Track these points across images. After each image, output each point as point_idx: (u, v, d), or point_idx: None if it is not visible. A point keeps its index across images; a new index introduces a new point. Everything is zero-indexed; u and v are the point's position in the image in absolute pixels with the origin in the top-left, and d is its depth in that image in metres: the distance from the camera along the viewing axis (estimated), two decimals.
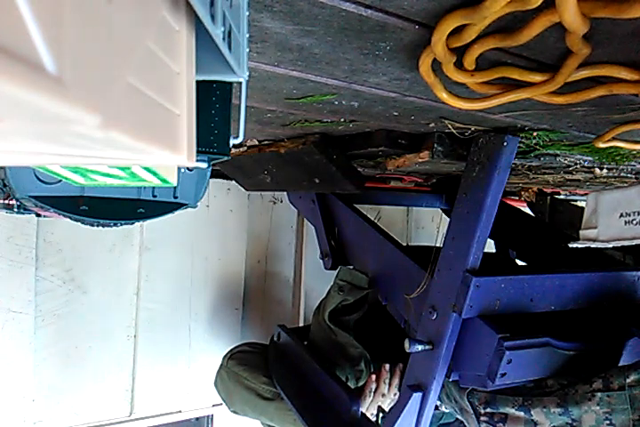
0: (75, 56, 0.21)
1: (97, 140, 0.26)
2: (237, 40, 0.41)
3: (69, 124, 0.23)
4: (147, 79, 0.30)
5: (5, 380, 1.99)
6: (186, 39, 0.35)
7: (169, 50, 0.33)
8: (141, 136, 0.29)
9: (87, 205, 0.77)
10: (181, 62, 0.35)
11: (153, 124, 0.31)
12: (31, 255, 2.04)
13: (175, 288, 2.40)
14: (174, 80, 0.35)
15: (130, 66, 0.27)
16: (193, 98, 0.37)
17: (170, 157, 0.34)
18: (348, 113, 1.07)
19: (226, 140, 0.69)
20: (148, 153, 0.32)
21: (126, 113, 0.27)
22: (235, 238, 2.54)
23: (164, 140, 0.33)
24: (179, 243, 2.38)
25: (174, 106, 0.35)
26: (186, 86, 0.36)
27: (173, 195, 0.86)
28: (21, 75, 0.18)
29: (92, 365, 2.21)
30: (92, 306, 2.19)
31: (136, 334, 2.32)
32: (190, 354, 2.46)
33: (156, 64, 0.32)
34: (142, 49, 0.29)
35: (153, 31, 0.30)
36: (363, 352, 1.87)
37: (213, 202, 2.46)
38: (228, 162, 1.79)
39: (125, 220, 0.83)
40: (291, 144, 1.45)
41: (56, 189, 0.74)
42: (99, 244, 2.19)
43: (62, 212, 0.76)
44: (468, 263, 1.26)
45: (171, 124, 0.35)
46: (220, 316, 2.54)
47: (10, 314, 2.00)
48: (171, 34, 0.33)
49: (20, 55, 0.18)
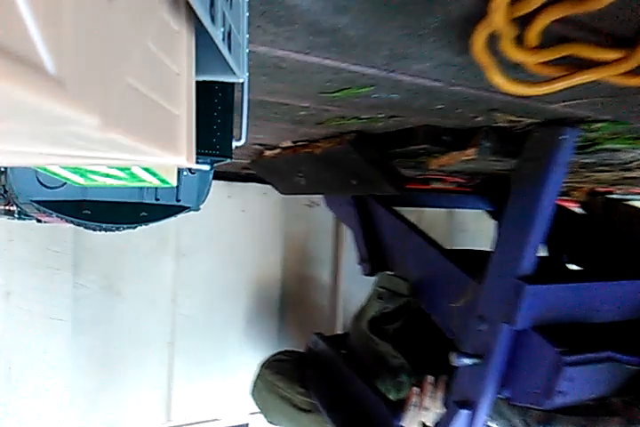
0: (74, 57, 0.21)
1: (96, 141, 0.26)
2: (237, 41, 0.41)
3: (69, 125, 0.23)
4: (146, 80, 0.30)
5: (44, 387, 1.99)
6: (186, 40, 0.35)
7: (169, 50, 0.33)
8: (141, 137, 0.29)
9: (89, 209, 0.76)
10: (181, 63, 0.35)
11: (152, 125, 0.31)
12: (68, 262, 2.04)
13: (211, 294, 2.36)
14: (174, 81, 0.35)
15: (129, 66, 0.27)
16: (193, 98, 0.37)
17: (169, 157, 0.34)
18: (388, 108, 0.99)
19: (228, 143, 0.68)
20: (148, 154, 0.31)
21: (125, 114, 0.27)
22: (270, 243, 2.49)
23: (164, 141, 0.33)
24: (214, 248, 2.35)
25: (174, 106, 0.34)
26: (185, 87, 0.36)
27: (176, 198, 0.84)
28: (21, 75, 0.18)
29: (128, 372, 2.19)
30: (129, 312, 2.18)
31: (173, 341, 2.29)
32: (226, 361, 2.42)
33: (156, 65, 0.32)
34: (142, 50, 0.29)
35: (153, 32, 0.30)
36: (404, 363, 1.77)
37: (249, 206, 2.42)
38: (262, 165, 1.73)
39: (128, 224, 0.82)
40: (326, 144, 1.38)
41: (58, 194, 0.73)
42: (134, 250, 2.17)
43: (65, 216, 0.75)
44: (520, 269, 1.15)
45: (170, 125, 0.34)
46: (257, 322, 2.49)
47: (48, 321, 2.00)
48: (170, 34, 0.33)
49: (20, 56, 0.18)
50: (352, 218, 1.83)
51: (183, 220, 2.34)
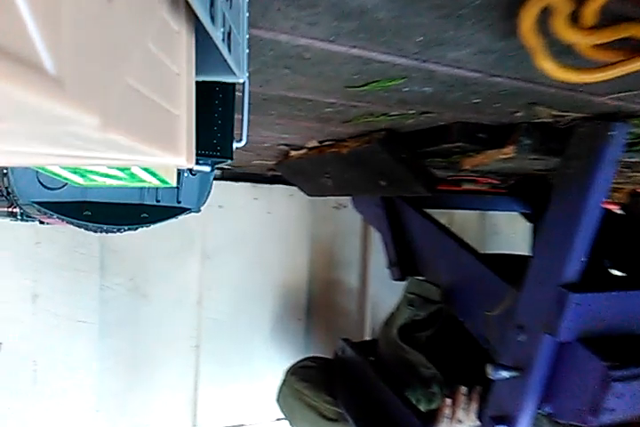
0: (74, 57, 0.21)
1: (96, 141, 0.26)
2: (237, 41, 0.41)
3: (68, 125, 0.23)
4: (146, 80, 0.30)
5: (70, 390, 1.99)
6: (185, 40, 0.35)
7: (169, 51, 0.33)
8: (140, 137, 0.29)
9: (90, 210, 0.76)
10: (181, 63, 0.35)
11: (152, 126, 0.31)
12: (95, 264, 2.04)
13: (237, 297, 2.33)
14: (174, 81, 0.35)
15: (129, 67, 0.27)
16: (192, 99, 0.37)
17: (169, 158, 0.34)
18: (419, 102, 0.92)
19: (229, 144, 0.68)
20: (147, 154, 0.31)
21: (125, 114, 0.27)
22: (297, 246, 2.44)
23: (164, 142, 0.33)
24: (240, 250, 2.31)
25: (174, 107, 0.34)
26: (185, 87, 0.35)
27: (177, 199, 0.84)
28: (20, 75, 0.18)
29: (154, 375, 2.18)
30: (155, 315, 2.16)
31: (199, 345, 2.27)
32: (252, 365, 2.38)
33: (156, 65, 0.32)
34: (142, 50, 0.29)
35: (153, 32, 0.30)
36: (436, 373, 1.69)
37: (275, 208, 2.37)
38: (287, 166, 1.69)
39: (129, 225, 0.82)
40: (353, 143, 1.32)
41: (59, 195, 0.73)
42: (160, 252, 2.16)
43: (66, 217, 0.75)
44: (564, 277, 1.07)
45: (170, 126, 0.34)
46: (283, 326, 2.44)
47: (75, 323, 2.00)
48: (170, 35, 0.33)
49: (19, 55, 0.18)
50: (381, 220, 1.77)
51: (209, 222, 2.33)
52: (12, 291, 1.88)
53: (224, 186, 2.26)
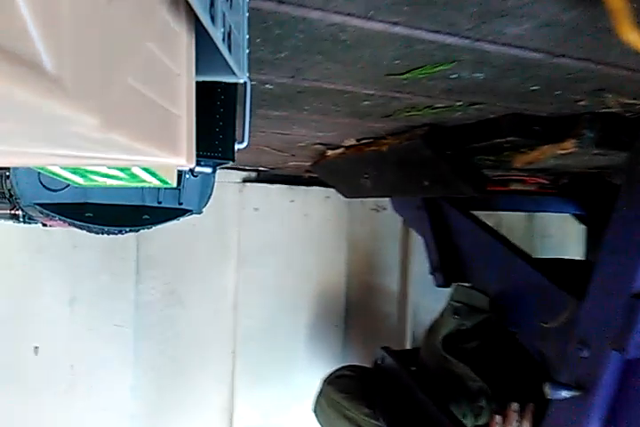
0: (74, 57, 0.21)
1: (96, 141, 0.26)
2: (237, 41, 0.41)
3: (68, 125, 0.23)
4: (146, 80, 0.30)
5: (106, 395, 1.98)
6: (186, 40, 0.35)
7: (169, 51, 0.33)
8: (140, 137, 0.29)
9: (92, 211, 0.76)
10: (181, 63, 0.35)
11: (152, 126, 0.31)
12: (131, 268, 2.03)
13: (273, 303, 2.27)
14: (174, 81, 0.35)
15: (130, 67, 0.27)
16: (193, 99, 0.37)
17: (169, 158, 0.34)
18: (468, 92, 0.83)
19: (230, 145, 0.68)
20: (148, 154, 0.32)
21: (126, 114, 0.27)
22: (334, 249, 2.37)
23: (164, 142, 0.33)
24: (276, 254, 2.26)
25: (174, 107, 0.34)
26: (186, 87, 0.35)
27: (178, 201, 0.84)
28: (20, 75, 0.18)
29: (190, 380, 2.14)
30: (191, 320, 2.13)
31: (234, 351, 2.22)
32: (289, 372, 2.32)
33: (156, 65, 0.32)
34: (142, 50, 0.29)
35: (153, 32, 0.30)
36: (483, 386, 1.58)
37: (311, 211, 2.31)
38: (324, 166, 1.61)
39: (130, 226, 0.82)
40: (394, 140, 1.23)
41: (61, 197, 0.73)
42: (196, 256, 2.13)
43: (68, 219, 0.75)
44: (635, 285, 0.94)
45: (170, 126, 0.34)
46: (320, 333, 2.37)
47: (111, 328, 1.99)
48: (170, 35, 0.33)
49: (19, 55, 0.18)
50: (423, 223, 1.67)
51: (244, 225, 2.29)
52: (49, 294, 1.88)
53: (259, 188, 2.21)
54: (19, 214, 0.89)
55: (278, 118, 1.10)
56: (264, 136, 1.35)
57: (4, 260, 1.80)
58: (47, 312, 1.87)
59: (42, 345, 1.87)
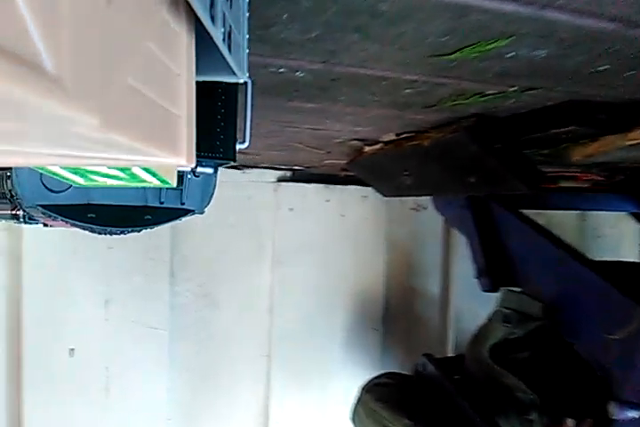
0: (74, 57, 0.21)
1: (96, 141, 0.26)
2: (237, 41, 0.41)
3: (69, 125, 0.23)
4: (146, 80, 0.30)
5: (142, 397, 1.96)
6: (186, 40, 0.35)
7: (169, 51, 0.33)
8: (140, 137, 0.29)
9: (94, 212, 0.77)
10: (181, 63, 0.35)
11: (152, 125, 0.31)
12: (166, 269, 2.00)
13: (309, 305, 2.21)
14: (174, 81, 0.35)
15: (130, 67, 0.28)
16: (193, 99, 0.37)
17: (169, 157, 0.34)
18: (525, 75, 0.73)
19: (231, 145, 0.68)
20: (148, 154, 0.32)
21: (126, 114, 0.27)
22: (372, 250, 2.28)
23: (164, 141, 0.33)
24: (312, 255, 2.19)
25: (174, 107, 0.35)
26: (186, 87, 0.36)
27: (180, 201, 0.83)
28: (20, 75, 0.18)
29: (225, 383, 2.10)
30: (226, 322, 2.09)
31: (269, 354, 2.17)
32: (325, 377, 2.25)
33: (156, 65, 0.32)
34: (142, 50, 0.29)
35: (153, 32, 0.31)
36: (535, 399, 1.46)
37: (348, 210, 2.23)
38: (361, 164, 1.53)
39: (133, 227, 0.82)
40: (437, 134, 1.14)
41: (63, 198, 0.74)
42: (231, 257, 2.09)
43: (70, 220, 0.75)
44: None
45: (170, 125, 0.34)
46: (358, 337, 2.29)
47: (146, 329, 1.97)
48: (171, 35, 0.34)
49: (19, 56, 0.18)
50: (467, 223, 1.56)
51: (279, 225, 2.23)
52: (84, 296, 1.87)
53: (295, 188, 2.15)
54: (19, 215, 0.89)
55: (311, 112, 1.03)
56: (297, 132, 1.28)
57: (39, 261, 1.80)
58: (82, 314, 1.86)
59: (77, 347, 1.86)
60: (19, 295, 1.79)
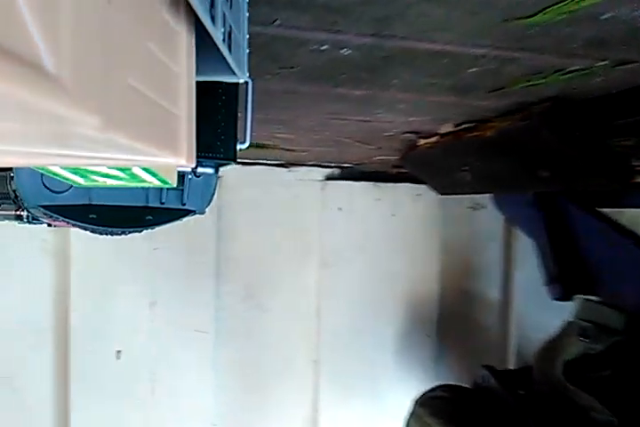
0: (75, 57, 0.21)
1: (97, 141, 0.26)
2: (238, 41, 0.41)
3: (69, 125, 0.23)
4: (147, 80, 0.30)
5: (188, 402, 1.92)
6: (186, 40, 0.36)
7: (169, 51, 0.33)
8: (141, 137, 0.29)
9: (96, 213, 0.77)
10: (181, 63, 0.35)
11: (152, 125, 0.31)
12: (211, 271, 1.95)
13: (358, 309, 2.11)
14: (174, 81, 0.35)
15: (130, 67, 0.28)
16: (193, 99, 0.37)
17: (169, 157, 0.34)
18: (622, 43, 0.60)
19: (232, 145, 0.69)
20: (148, 154, 0.32)
21: (126, 114, 0.27)
22: (426, 252, 2.15)
23: (164, 141, 0.33)
24: (361, 257, 2.09)
25: (174, 107, 0.35)
26: (186, 87, 0.36)
27: (181, 201, 0.84)
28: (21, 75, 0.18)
29: (272, 389, 2.04)
30: (272, 326, 2.02)
31: (318, 359, 2.08)
32: (376, 385, 2.14)
33: (156, 65, 0.32)
34: (142, 50, 0.30)
35: (153, 32, 0.31)
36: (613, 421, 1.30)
37: (400, 210, 2.11)
38: (414, 159, 1.41)
39: (134, 227, 0.83)
40: (502, 123, 1.01)
41: (65, 198, 0.74)
42: (277, 258, 2.02)
43: (72, 220, 0.76)
44: None
45: (170, 125, 0.34)
46: (410, 343, 2.17)
47: (192, 333, 1.92)
48: (171, 35, 0.34)
49: (20, 56, 0.18)
50: (535, 223, 1.41)
51: (327, 226, 2.14)
52: (130, 297, 1.85)
53: (343, 186, 2.05)
54: (23, 215, 0.90)
55: (360, 100, 0.92)
56: (345, 125, 1.18)
57: (85, 261, 1.79)
58: (128, 316, 1.84)
59: (124, 349, 1.84)
60: (66, 296, 1.78)
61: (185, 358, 1.91)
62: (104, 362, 1.81)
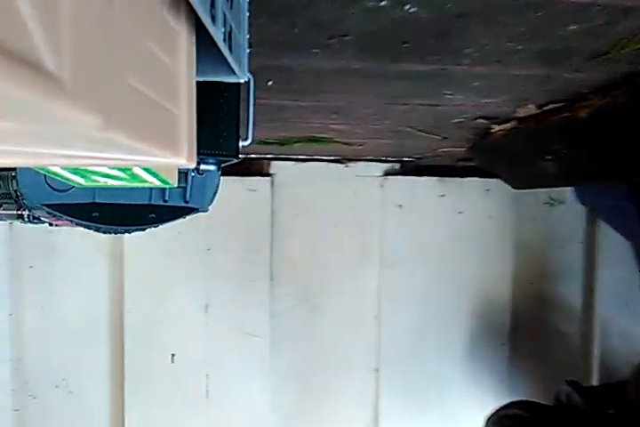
0: (75, 56, 0.21)
1: (97, 141, 0.26)
2: (238, 41, 0.41)
3: (70, 125, 0.23)
4: (147, 80, 0.30)
5: (242, 408, 1.85)
6: (186, 40, 0.36)
7: (169, 51, 0.34)
8: (141, 137, 0.29)
9: (99, 211, 0.77)
10: (181, 63, 0.36)
11: (153, 125, 0.32)
12: (266, 272, 1.87)
13: (422, 314, 1.97)
14: (174, 81, 0.35)
15: (130, 66, 0.28)
16: (193, 99, 0.37)
17: (170, 157, 0.34)
18: None
19: (234, 143, 0.69)
20: (148, 154, 0.32)
21: (126, 114, 0.27)
22: (497, 252, 1.99)
23: (164, 141, 0.33)
24: (425, 258, 1.95)
25: (174, 107, 0.35)
26: (186, 87, 0.36)
27: (184, 199, 0.85)
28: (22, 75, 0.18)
29: (330, 398, 1.94)
30: (330, 330, 1.92)
31: (378, 367, 1.96)
32: (442, 397, 1.99)
33: (157, 65, 0.32)
34: (143, 50, 0.30)
35: (153, 32, 0.31)
36: None
37: (467, 207, 1.95)
38: (486, 148, 1.26)
39: (137, 225, 0.83)
40: (599, 100, 0.84)
41: (68, 197, 0.75)
42: (334, 259, 1.91)
43: (75, 219, 0.76)
44: None
45: (171, 125, 0.35)
46: (480, 352, 2.01)
47: (246, 337, 1.86)
48: (171, 35, 0.34)
49: (21, 56, 0.18)
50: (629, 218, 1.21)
51: (388, 224, 2.01)
52: (183, 300, 1.81)
53: (404, 182, 1.92)
54: (24, 215, 0.91)
55: (425, 78, 0.79)
56: (407, 111, 1.05)
57: (138, 263, 1.76)
58: (182, 318, 1.80)
59: (178, 353, 1.80)
60: (121, 297, 1.76)
61: (240, 363, 1.85)
62: (159, 365, 1.78)
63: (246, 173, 1.84)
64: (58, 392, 1.76)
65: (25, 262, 1.75)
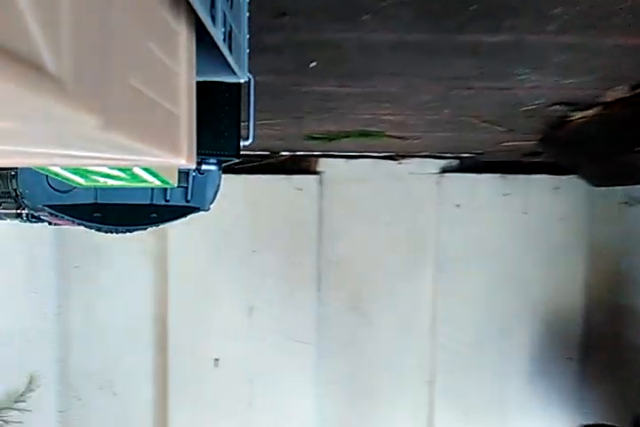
0: (75, 57, 0.21)
1: (97, 141, 0.27)
2: (238, 41, 0.42)
3: (70, 125, 0.23)
4: (147, 80, 0.30)
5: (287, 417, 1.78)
6: (186, 40, 0.36)
7: (169, 51, 0.34)
8: (141, 137, 0.30)
9: (101, 211, 0.79)
10: (181, 63, 0.36)
11: (153, 125, 0.32)
12: (313, 276, 1.79)
13: (481, 323, 1.83)
14: (174, 81, 0.36)
15: (130, 67, 0.28)
16: (193, 99, 0.38)
17: (170, 158, 0.35)
18: None
19: (235, 142, 0.70)
20: (148, 154, 0.32)
21: (126, 114, 0.28)
22: (567, 257, 1.82)
23: (164, 141, 0.34)
24: (485, 263, 1.81)
25: (174, 107, 0.35)
26: (186, 87, 0.37)
27: (185, 199, 0.84)
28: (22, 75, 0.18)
29: (380, 409, 1.83)
30: (379, 338, 1.82)
31: (432, 380, 1.84)
32: (503, 414, 1.85)
33: (157, 65, 0.33)
34: (143, 50, 0.30)
35: (153, 32, 0.31)
36: None
37: (533, 206, 1.80)
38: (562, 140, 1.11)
39: (139, 225, 0.84)
40: None
41: (69, 198, 0.77)
42: (386, 263, 1.81)
43: (77, 220, 0.78)
44: None
45: (171, 125, 0.35)
46: (546, 366, 1.85)
47: (292, 343, 1.78)
48: (171, 35, 0.34)
49: (21, 56, 0.18)
50: None
51: (444, 226, 1.87)
52: (228, 303, 1.75)
53: (462, 180, 1.79)
54: (22, 214, 0.92)
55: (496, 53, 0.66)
56: (470, 97, 0.92)
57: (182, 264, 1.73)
58: (226, 322, 1.75)
59: (221, 357, 1.74)
60: (165, 298, 1.73)
61: (284, 369, 1.78)
62: (202, 369, 1.74)
63: (293, 171, 1.77)
64: (102, 394, 1.75)
65: (71, 262, 1.75)
